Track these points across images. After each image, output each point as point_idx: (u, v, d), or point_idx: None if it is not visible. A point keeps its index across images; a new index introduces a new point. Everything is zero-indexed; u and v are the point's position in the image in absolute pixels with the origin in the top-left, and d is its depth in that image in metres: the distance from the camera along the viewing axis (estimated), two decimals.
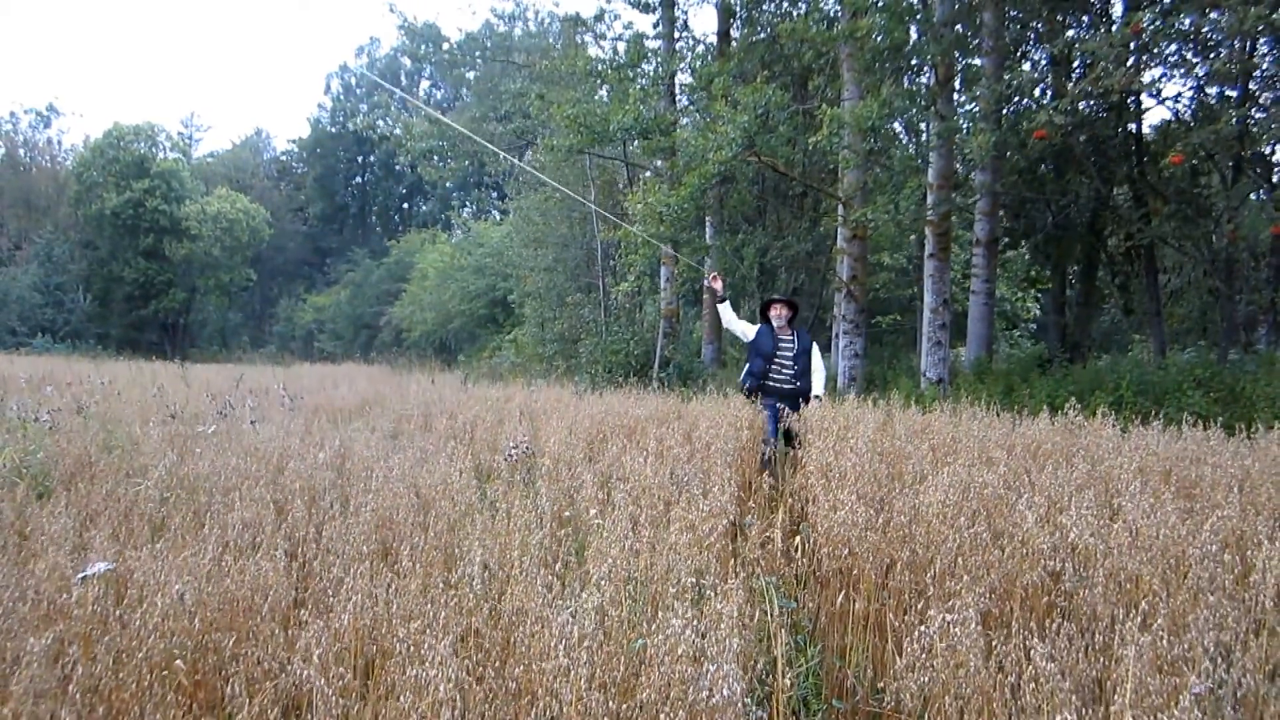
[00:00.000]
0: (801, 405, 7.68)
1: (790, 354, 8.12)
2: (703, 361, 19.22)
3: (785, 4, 18.46)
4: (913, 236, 14.96)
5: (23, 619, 3.06)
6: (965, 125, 11.58)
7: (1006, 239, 19.17)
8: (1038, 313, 25.08)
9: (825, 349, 21.28)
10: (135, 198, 48.36)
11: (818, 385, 8.13)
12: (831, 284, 17.46)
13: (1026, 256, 21.97)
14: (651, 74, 18.28)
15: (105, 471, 6.12)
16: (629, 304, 22.41)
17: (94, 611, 3.09)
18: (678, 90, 19.41)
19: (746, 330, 8.42)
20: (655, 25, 19.72)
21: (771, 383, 8.11)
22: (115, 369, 23.03)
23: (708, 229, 18.76)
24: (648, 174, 20.24)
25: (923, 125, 14.76)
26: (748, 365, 8.37)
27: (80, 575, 3.60)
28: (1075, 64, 14.29)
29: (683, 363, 18.27)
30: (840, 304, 15.24)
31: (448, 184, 26.77)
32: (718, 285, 8.73)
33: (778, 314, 8.25)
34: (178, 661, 3.00)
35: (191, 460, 6.43)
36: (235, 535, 4.42)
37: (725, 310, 8.55)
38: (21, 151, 59.50)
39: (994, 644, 3.10)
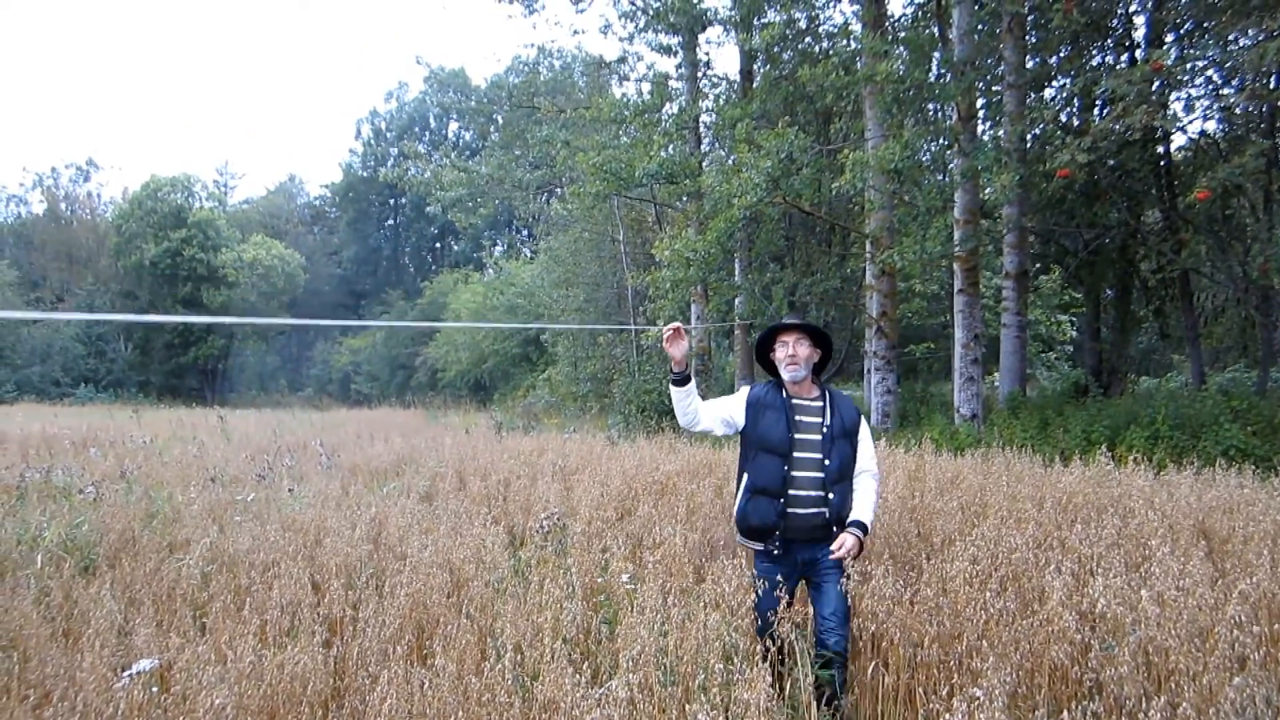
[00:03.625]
0: (841, 548, 3.97)
1: (821, 440, 4.10)
2: None
3: (809, 40, 18.58)
4: (944, 263, 14.92)
5: None
6: (989, 163, 11.56)
7: (1038, 265, 19.08)
8: (1074, 334, 24.83)
9: (857, 383, 21.20)
10: (173, 247, 49.23)
11: (864, 506, 4.14)
12: (862, 317, 17.44)
13: (1060, 283, 21.84)
14: (675, 115, 18.45)
15: (148, 548, 6.26)
16: (661, 343, 22.50)
17: None
18: (702, 130, 19.54)
19: (730, 413, 4.25)
20: (678, 68, 19.91)
21: (791, 509, 4.04)
22: (157, 419, 23.44)
23: (737, 268, 18.82)
24: (677, 207, 20.39)
25: (948, 159, 14.75)
26: (744, 477, 4.22)
27: (126, 674, 3.71)
28: (1099, 96, 14.25)
29: None
30: (871, 340, 15.23)
31: (478, 223, 27.25)
32: (676, 350, 4.04)
33: (792, 357, 4.14)
34: None
35: (232, 532, 6.58)
36: (275, 617, 4.53)
37: (682, 396, 4.18)
38: (63, 205, 61.01)
39: None
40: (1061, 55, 15.12)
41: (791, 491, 4.00)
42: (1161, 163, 15.11)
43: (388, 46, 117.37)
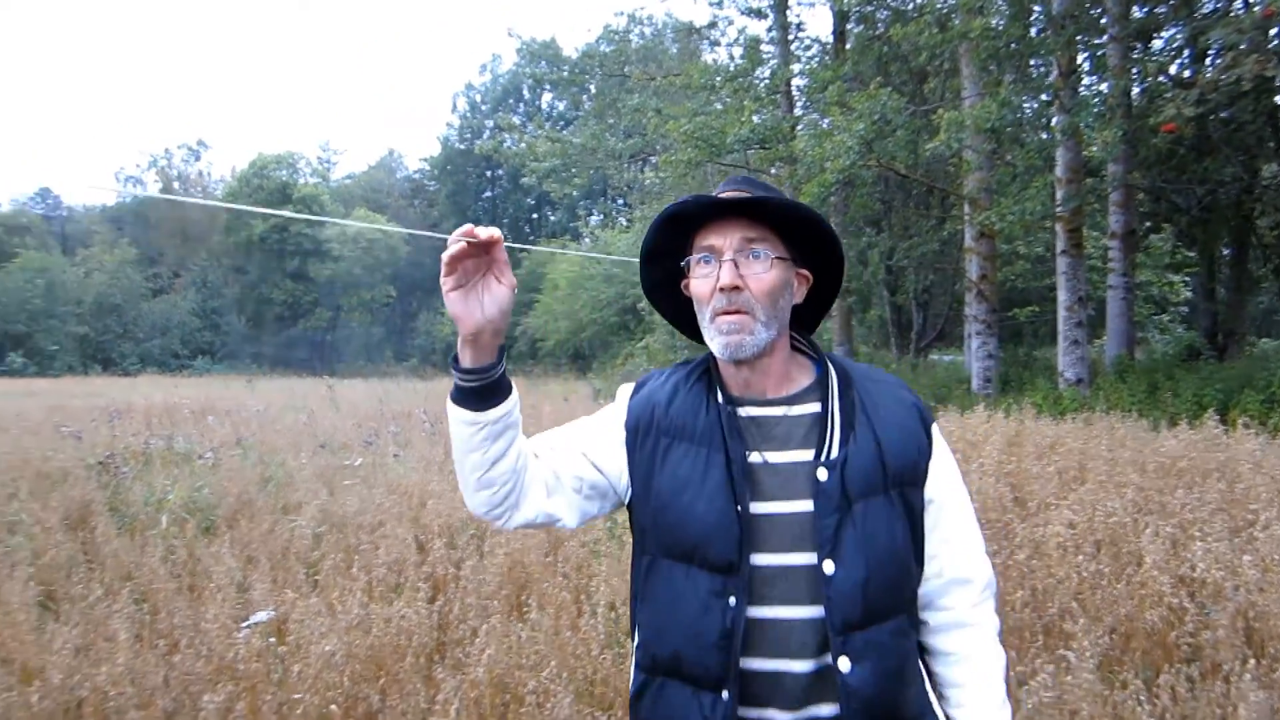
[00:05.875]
0: None
1: (813, 509, 1.44)
2: None
3: None
4: (1046, 224, 14.52)
5: (198, 675, 3.40)
6: (1090, 120, 11.21)
7: (1147, 224, 18.41)
8: (1188, 295, 23.91)
9: (959, 349, 20.78)
10: (280, 223, 50.85)
11: (983, 694, 1.52)
12: (962, 281, 17.12)
13: (1171, 242, 21.05)
14: (769, 79, 18.28)
15: (263, 510, 6.60)
16: None
17: (257, 668, 3.41)
18: (794, 94, 19.31)
19: (594, 459, 1.60)
20: (769, 31, 19.68)
21: (754, 711, 1.44)
22: (269, 389, 24.40)
23: None
24: (770, 172, 20.22)
25: (1049, 115, 14.31)
26: (635, 626, 1.60)
27: (245, 625, 3.96)
28: (1210, 46, 13.64)
29: None
30: (971, 304, 14.97)
31: (573, 193, 27.55)
32: (464, 305, 1.43)
33: (729, 291, 1.47)
34: (333, 706, 3.28)
35: (341, 495, 6.89)
36: (381, 575, 4.76)
37: (481, 434, 1.46)
38: (176, 185, 63.33)
39: (1112, 690, 3.12)
40: (1169, 4, 14.49)
41: (753, 663, 1.44)
42: (1279, 114, 14.40)
43: (480, 20, 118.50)
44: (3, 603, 4.46)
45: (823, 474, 1.44)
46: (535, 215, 68.40)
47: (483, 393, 1.44)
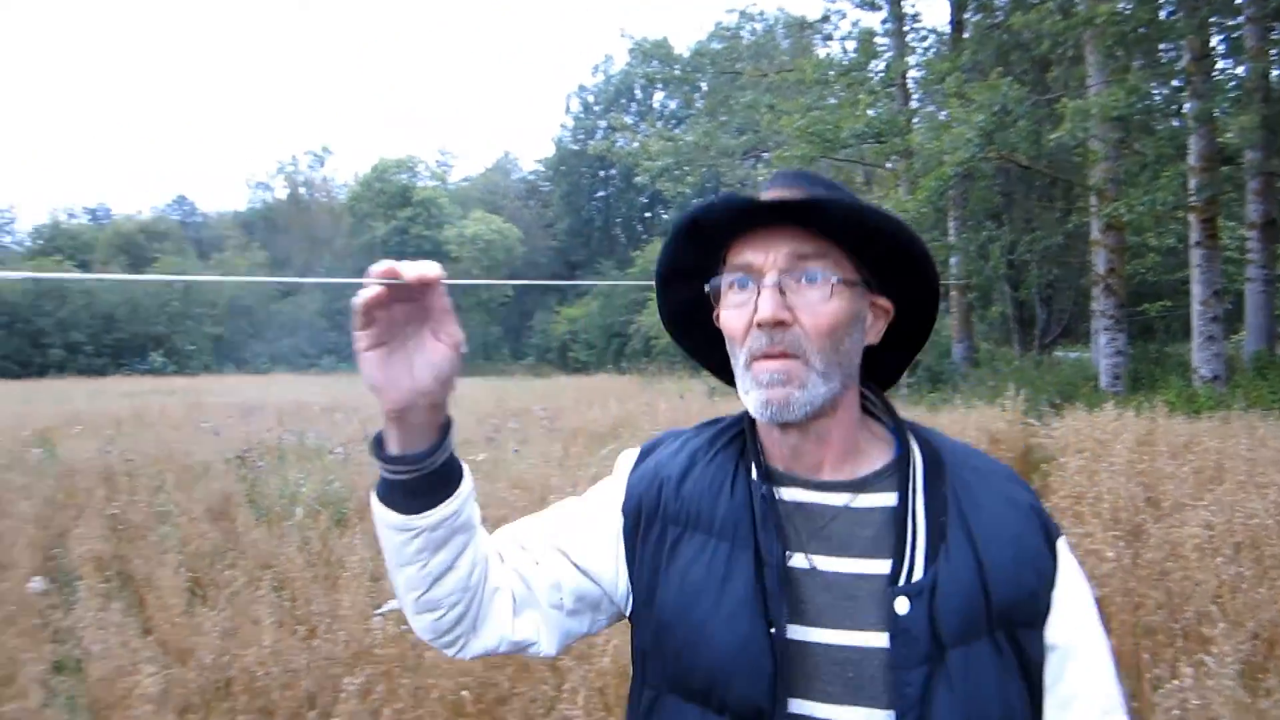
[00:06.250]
0: None
1: (890, 646, 1.00)
2: (953, 361, 18.70)
3: None
4: (1179, 214, 13.97)
5: (338, 659, 3.59)
6: (1226, 105, 10.76)
7: None
8: None
9: (1085, 345, 20.11)
10: (400, 225, 52.55)
11: None
12: (1088, 275, 16.58)
13: None
14: (884, 73, 18.04)
15: None
16: None
17: (393, 653, 3.57)
18: (910, 86, 18.99)
19: (579, 560, 1.20)
20: (883, 23, 19.42)
21: None
22: None
23: (950, 227, 18.23)
24: (886, 167, 19.91)
25: (1181, 101, 13.76)
26: None
27: (379, 612, 4.14)
28: None
29: (932, 364, 17.87)
30: (1099, 298, 14.50)
31: (686, 191, 27.61)
32: (380, 370, 1.03)
33: (769, 326, 1.03)
34: (464, 692, 3.42)
35: None
36: None
37: (414, 544, 1.07)
38: (302, 190, 65.98)
39: (1255, 698, 3.02)
40: None
41: None
42: None
43: (593, 21, 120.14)
44: (156, 587, 4.77)
45: (903, 605, 1.01)
46: (648, 214, 68.71)
47: (416, 488, 1.06)
